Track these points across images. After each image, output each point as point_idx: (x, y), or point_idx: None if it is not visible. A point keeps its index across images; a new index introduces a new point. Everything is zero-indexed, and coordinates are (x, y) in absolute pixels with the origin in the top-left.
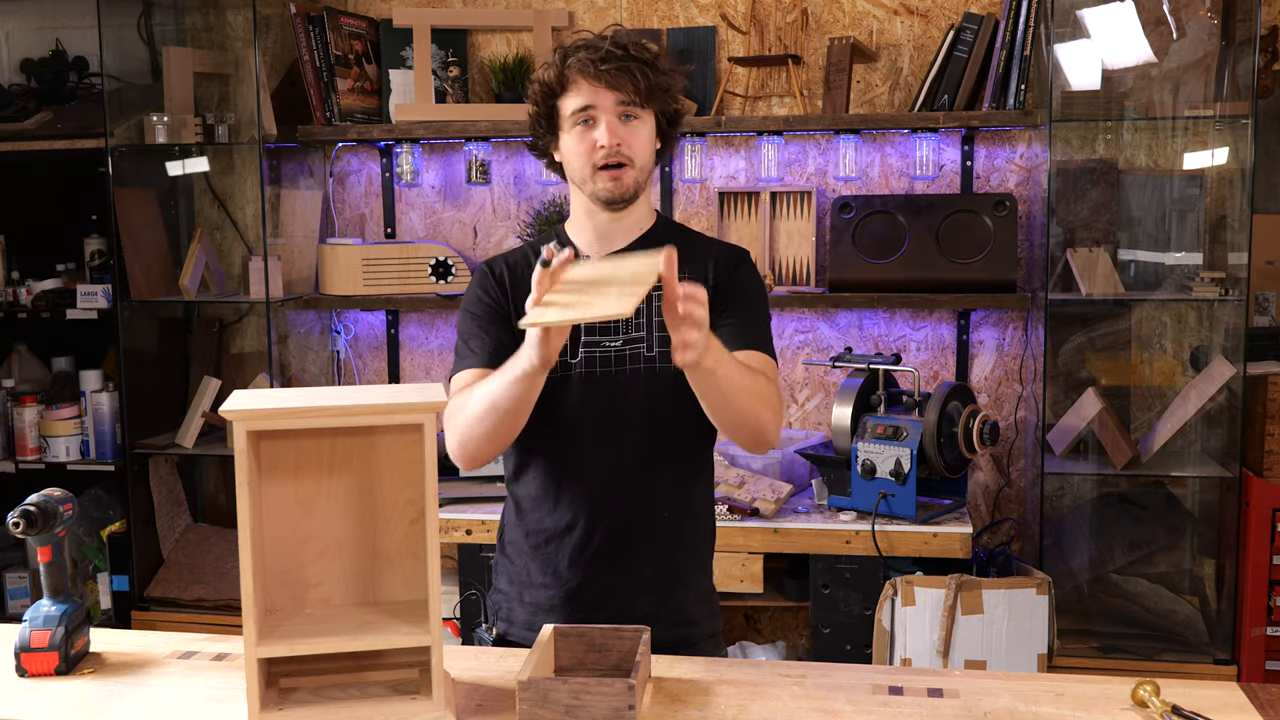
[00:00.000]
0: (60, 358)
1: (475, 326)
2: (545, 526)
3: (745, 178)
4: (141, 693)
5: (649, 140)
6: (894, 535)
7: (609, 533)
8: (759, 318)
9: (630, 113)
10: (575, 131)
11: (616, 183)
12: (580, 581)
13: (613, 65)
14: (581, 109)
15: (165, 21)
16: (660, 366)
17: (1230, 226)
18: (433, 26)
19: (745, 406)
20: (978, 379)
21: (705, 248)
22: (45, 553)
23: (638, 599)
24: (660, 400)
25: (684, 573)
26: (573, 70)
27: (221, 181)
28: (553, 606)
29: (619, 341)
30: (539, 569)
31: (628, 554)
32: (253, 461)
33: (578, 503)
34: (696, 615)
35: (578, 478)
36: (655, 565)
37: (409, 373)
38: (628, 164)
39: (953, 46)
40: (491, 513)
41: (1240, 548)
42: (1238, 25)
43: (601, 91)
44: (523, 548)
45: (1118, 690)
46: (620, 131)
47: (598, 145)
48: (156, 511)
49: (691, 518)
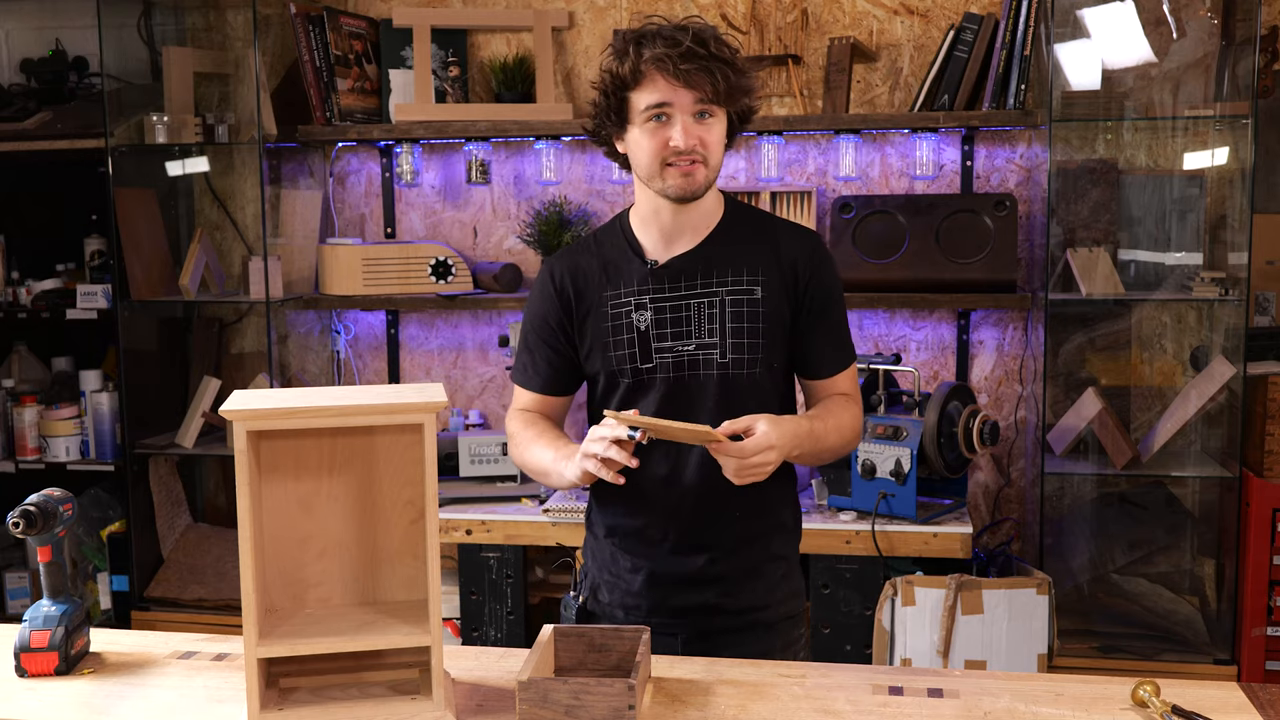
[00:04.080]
0: (60, 358)
1: (533, 338)
2: (622, 521)
3: (745, 177)
4: (141, 693)
5: (722, 138)
6: (894, 535)
7: (682, 531)
8: (842, 324)
9: (706, 110)
10: (648, 127)
11: (688, 179)
12: (658, 570)
13: (694, 65)
14: (657, 105)
15: (165, 21)
16: (734, 372)
17: (1230, 226)
18: (433, 26)
19: (828, 457)
20: (978, 379)
21: (777, 237)
22: (45, 553)
23: (712, 589)
24: (733, 403)
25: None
26: (649, 65)
27: (221, 181)
28: (631, 590)
29: (692, 346)
30: (621, 555)
31: (700, 550)
32: (253, 461)
33: (652, 502)
34: (768, 600)
35: (651, 477)
36: (731, 561)
37: (409, 373)
38: (700, 162)
39: (953, 46)
40: (491, 513)
41: (1240, 548)
42: (1238, 25)
43: (679, 90)
44: (603, 537)
45: (1118, 690)
46: (695, 131)
47: (670, 144)
48: (156, 511)
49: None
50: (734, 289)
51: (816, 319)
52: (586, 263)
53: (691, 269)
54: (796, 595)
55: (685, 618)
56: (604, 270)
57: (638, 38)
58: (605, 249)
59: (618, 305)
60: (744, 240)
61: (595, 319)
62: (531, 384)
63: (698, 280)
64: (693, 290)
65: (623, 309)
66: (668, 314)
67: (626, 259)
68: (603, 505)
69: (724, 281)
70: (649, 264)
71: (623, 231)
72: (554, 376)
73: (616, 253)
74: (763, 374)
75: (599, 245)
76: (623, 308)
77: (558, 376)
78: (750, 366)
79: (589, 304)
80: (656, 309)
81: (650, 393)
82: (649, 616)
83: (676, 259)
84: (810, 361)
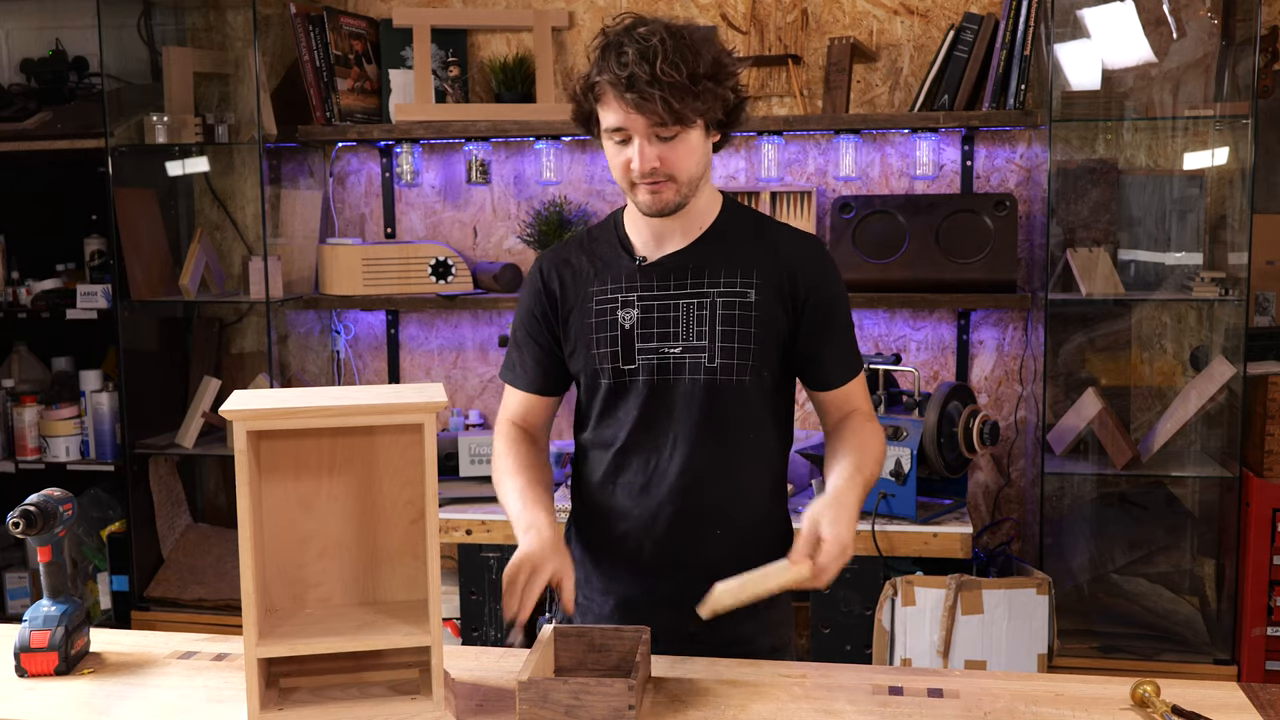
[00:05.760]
0: (60, 358)
1: (521, 334)
2: (598, 538)
3: (745, 177)
4: (141, 693)
5: (692, 150)
6: (894, 535)
7: (658, 547)
8: (848, 332)
9: (665, 133)
10: (611, 146)
11: (656, 198)
12: (631, 595)
13: (636, 93)
14: (614, 128)
15: (165, 21)
16: (721, 378)
17: (1230, 226)
18: (433, 26)
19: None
20: (978, 379)
21: (775, 241)
22: (45, 553)
23: (686, 616)
24: (717, 413)
25: None
26: (600, 85)
27: (221, 181)
28: (603, 615)
29: (678, 348)
30: (595, 576)
31: (678, 568)
32: (253, 461)
33: (629, 518)
34: (751, 632)
35: (627, 493)
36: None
37: (409, 373)
38: (667, 180)
39: (953, 46)
40: (491, 513)
41: (1240, 548)
42: (1238, 25)
43: (632, 114)
44: (581, 553)
45: (1118, 690)
46: (652, 152)
47: (631, 166)
48: (156, 511)
49: (749, 532)
50: (726, 290)
51: (822, 329)
52: (576, 258)
53: (681, 268)
54: (783, 624)
55: (659, 645)
56: (593, 266)
57: (601, 48)
58: (597, 245)
59: (603, 301)
60: (739, 242)
61: (580, 315)
62: (519, 381)
63: (688, 280)
64: (682, 290)
65: (608, 305)
66: (654, 313)
67: (616, 255)
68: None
69: (715, 282)
70: (638, 260)
71: (615, 229)
72: (541, 375)
73: (607, 249)
74: (752, 382)
75: (591, 241)
76: (608, 304)
77: (545, 375)
78: (740, 373)
79: (574, 300)
80: (643, 307)
81: (630, 396)
82: None
83: (666, 257)
84: (819, 373)
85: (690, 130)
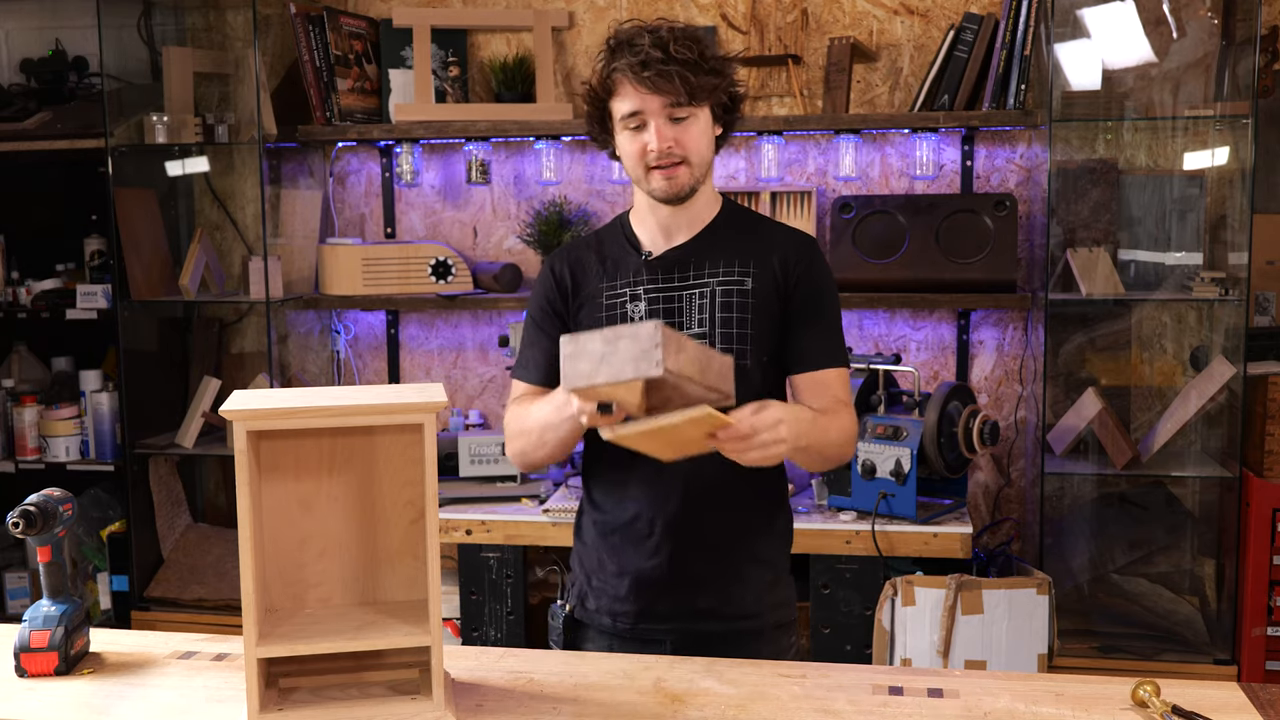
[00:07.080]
0: (60, 358)
1: (533, 334)
2: (611, 519)
3: (745, 177)
4: (141, 693)
5: (703, 133)
6: (894, 535)
7: (669, 527)
8: (834, 325)
9: (679, 114)
10: (626, 135)
11: (671, 181)
12: (644, 573)
13: (653, 72)
14: (630, 113)
15: (165, 21)
16: None
17: (1230, 226)
18: (433, 26)
19: (830, 455)
20: (978, 379)
21: (770, 236)
22: (45, 553)
23: (699, 593)
24: None
25: (744, 569)
26: (618, 74)
27: (221, 181)
28: (618, 596)
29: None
30: (608, 558)
31: (689, 547)
32: (253, 461)
33: (641, 497)
34: (757, 608)
35: (640, 472)
36: (715, 561)
37: (409, 373)
38: (681, 162)
39: (953, 46)
40: (491, 513)
41: (1240, 548)
42: (1238, 25)
43: (648, 96)
44: (593, 536)
45: (1118, 690)
46: (669, 133)
47: (648, 148)
48: (156, 511)
49: (755, 513)
50: (725, 280)
51: (807, 316)
52: (586, 256)
53: (685, 261)
54: (786, 604)
55: (671, 623)
56: (602, 264)
57: (611, 47)
58: (605, 245)
59: (613, 296)
60: (737, 235)
61: (590, 309)
62: (529, 376)
63: (690, 272)
64: (685, 281)
65: (618, 299)
66: (661, 305)
67: (624, 252)
68: (593, 493)
69: (715, 272)
70: (644, 255)
71: (622, 229)
72: (550, 368)
73: (616, 248)
74: (753, 367)
75: (600, 242)
76: (618, 298)
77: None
78: (740, 358)
79: (586, 295)
80: (650, 300)
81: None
82: (636, 623)
83: (671, 251)
84: (796, 355)
85: (700, 112)
